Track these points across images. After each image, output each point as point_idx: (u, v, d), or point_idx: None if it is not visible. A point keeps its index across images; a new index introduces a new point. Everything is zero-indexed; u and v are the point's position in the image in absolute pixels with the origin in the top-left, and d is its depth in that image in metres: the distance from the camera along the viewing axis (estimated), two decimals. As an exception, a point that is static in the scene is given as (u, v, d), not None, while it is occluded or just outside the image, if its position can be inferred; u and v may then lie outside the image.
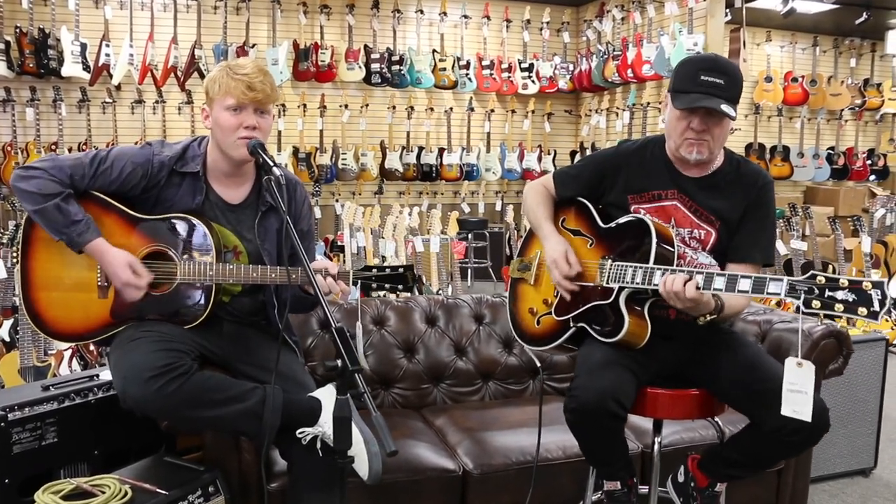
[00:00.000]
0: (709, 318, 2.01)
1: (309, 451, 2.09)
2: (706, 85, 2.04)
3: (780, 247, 5.91)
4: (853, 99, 8.72)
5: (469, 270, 7.25)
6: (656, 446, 2.24)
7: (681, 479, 2.28)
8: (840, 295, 1.72)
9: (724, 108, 2.03)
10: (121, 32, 6.72)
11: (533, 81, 8.12)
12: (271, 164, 2.06)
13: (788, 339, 2.77)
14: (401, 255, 5.22)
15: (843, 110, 8.78)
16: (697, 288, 1.90)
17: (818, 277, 1.74)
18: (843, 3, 7.56)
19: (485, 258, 7.51)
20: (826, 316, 1.79)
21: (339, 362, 1.58)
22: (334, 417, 1.59)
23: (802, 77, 8.52)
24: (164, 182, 2.22)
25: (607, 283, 2.10)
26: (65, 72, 6.48)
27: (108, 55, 6.60)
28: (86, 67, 6.56)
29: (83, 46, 6.55)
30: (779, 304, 5.64)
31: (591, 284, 2.16)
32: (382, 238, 5.44)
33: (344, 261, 5.74)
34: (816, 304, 1.74)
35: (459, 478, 2.45)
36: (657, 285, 1.97)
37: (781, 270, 5.97)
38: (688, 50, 6.55)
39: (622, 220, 2.18)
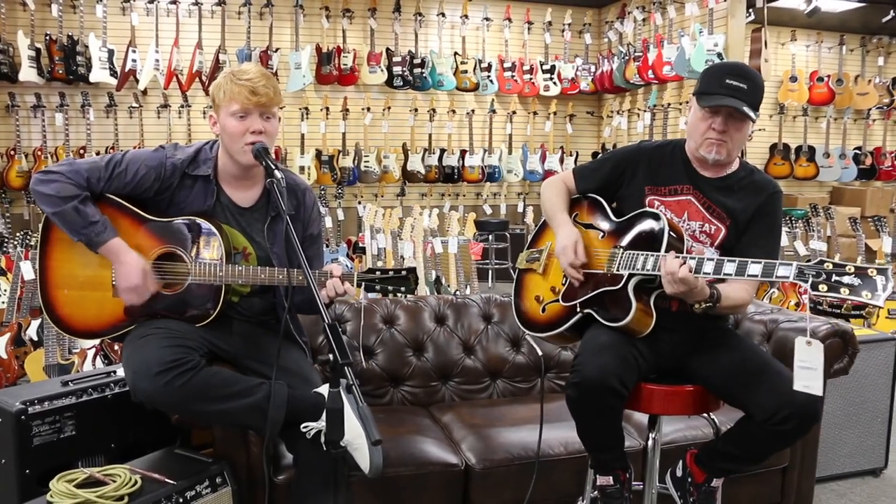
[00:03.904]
0: (703, 306, 2.07)
1: (313, 444, 2.14)
2: (731, 88, 2.15)
3: (800, 247, 5.88)
4: (881, 98, 8.61)
5: (490, 271, 7.29)
6: (650, 442, 2.28)
7: (679, 474, 2.31)
8: (846, 279, 1.79)
9: (747, 109, 2.13)
10: (147, 38, 6.87)
11: (555, 83, 8.14)
12: (273, 167, 2.13)
13: (793, 338, 2.74)
14: (418, 256, 5.27)
15: (870, 110, 8.67)
16: (690, 271, 1.97)
17: (826, 263, 1.82)
18: (870, 1, 7.48)
19: (506, 259, 7.55)
20: (832, 300, 1.85)
21: (330, 356, 1.64)
22: (326, 409, 1.65)
23: (828, 76, 8.43)
24: (177, 185, 2.30)
25: (618, 269, 2.17)
26: (93, 77, 6.63)
27: (134, 61, 6.75)
28: (113, 73, 6.72)
29: (110, 53, 6.70)
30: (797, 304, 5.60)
31: (601, 272, 2.22)
32: (401, 239, 5.50)
33: (364, 262, 5.81)
34: (823, 287, 1.80)
35: (462, 472, 2.51)
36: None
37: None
38: (708, 51, 6.53)
39: (635, 213, 2.27)
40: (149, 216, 2.29)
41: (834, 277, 1.80)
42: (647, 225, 2.20)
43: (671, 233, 2.14)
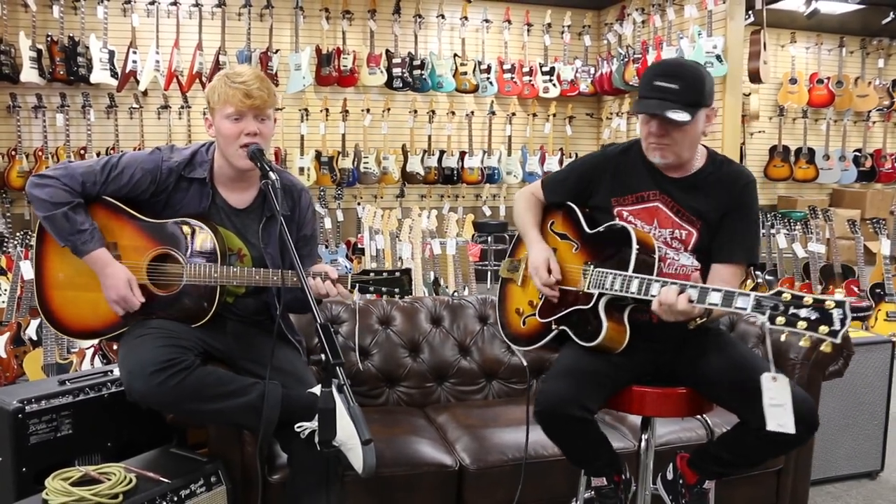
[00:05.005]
0: (699, 322, 2.01)
1: (307, 444, 2.15)
2: (659, 90, 2.08)
3: (799, 250, 5.88)
4: (881, 100, 8.63)
5: (488, 273, 7.31)
6: (643, 444, 2.28)
7: (670, 476, 2.31)
8: (803, 313, 1.71)
9: (670, 113, 2.05)
10: (147, 40, 6.90)
11: (554, 85, 8.15)
12: (267, 168, 2.14)
13: (788, 340, 2.74)
14: (417, 257, 5.28)
15: (870, 112, 8.68)
16: (690, 301, 1.90)
17: (784, 294, 1.75)
18: (870, 3, 7.49)
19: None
20: (791, 333, 1.77)
21: (322, 356, 1.65)
22: (318, 409, 1.66)
23: (828, 78, 8.45)
24: (173, 187, 2.31)
25: (588, 288, 2.13)
26: (93, 78, 6.67)
27: (135, 62, 6.79)
28: (114, 74, 6.75)
29: (111, 54, 6.74)
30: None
31: (574, 289, 2.20)
32: (400, 240, 5.51)
33: (363, 263, 5.83)
34: (781, 320, 1.73)
35: (456, 473, 2.51)
36: (633, 293, 2.01)
37: (800, 273, 5.94)
38: (707, 53, 6.55)
39: (605, 226, 2.22)
40: (144, 218, 2.29)
41: (791, 310, 1.72)
42: (616, 242, 2.14)
43: (640, 248, 2.08)
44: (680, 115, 2.06)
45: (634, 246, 2.08)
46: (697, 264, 2.21)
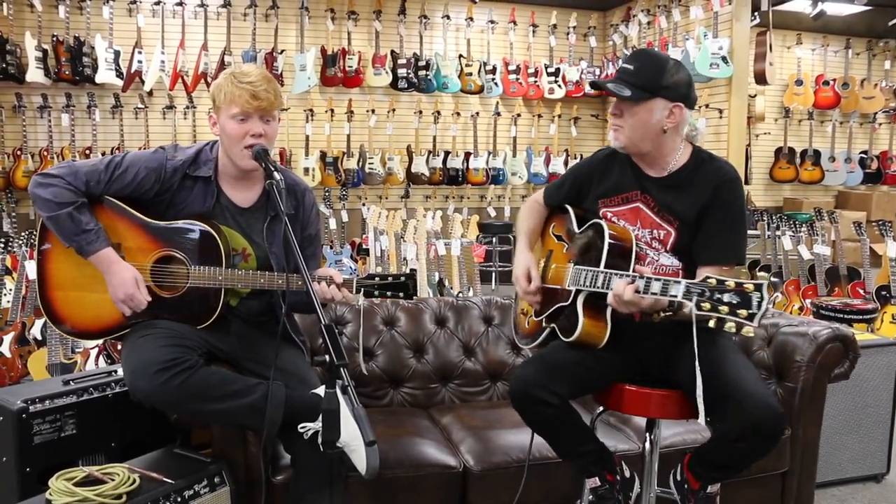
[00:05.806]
0: (663, 315, 1.99)
1: (311, 445, 2.14)
2: (619, 71, 2.15)
3: (804, 252, 5.86)
4: (887, 102, 8.61)
5: (493, 274, 7.30)
6: (647, 445, 2.27)
7: (679, 477, 2.29)
8: (726, 297, 1.73)
9: (610, 85, 2.10)
10: (153, 40, 6.90)
11: (559, 86, 8.14)
12: (272, 169, 2.13)
13: (794, 342, 2.77)
14: (421, 258, 5.27)
15: (876, 113, 8.66)
16: (637, 291, 1.92)
17: (710, 279, 1.76)
18: (876, 5, 7.47)
19: (509, 262, 7.53)
20: (719, 320, 1.77)
21: (326, 357, 1.65)
22: (322, 409, 1.66)
23: (834, 80, 8.43)
24: (177, 186, 2.30)
25: (568, 285, 2.15)
26: (99, 78, 6.67)
27: (140, 62, 6.79)
28: (119, 74, 6.76)
29: (116, 54, 6.74)
30: (801, 308, 5.59)
31: (559, 287, 2.22)
32: (404, 241, 5.51)
33: (367, 264, 5.82)
34: (706, 305, 1.75)
35: (460, 474, 2.50)
36: (599, 287, 2.03)
37: (806, 275, 5.91)
38: (713, 54, 6.53)
39: (587, 224, 2.24)
40: (148, 219, 2.28)
41: (716, 295, 1.74)
42: (592, 240, 2.17)
43: (612, 243, 2.09)
44: (620, 89, 2.09)
45: (606, 240, 2.10)
46: (679, 264, 2.20)
